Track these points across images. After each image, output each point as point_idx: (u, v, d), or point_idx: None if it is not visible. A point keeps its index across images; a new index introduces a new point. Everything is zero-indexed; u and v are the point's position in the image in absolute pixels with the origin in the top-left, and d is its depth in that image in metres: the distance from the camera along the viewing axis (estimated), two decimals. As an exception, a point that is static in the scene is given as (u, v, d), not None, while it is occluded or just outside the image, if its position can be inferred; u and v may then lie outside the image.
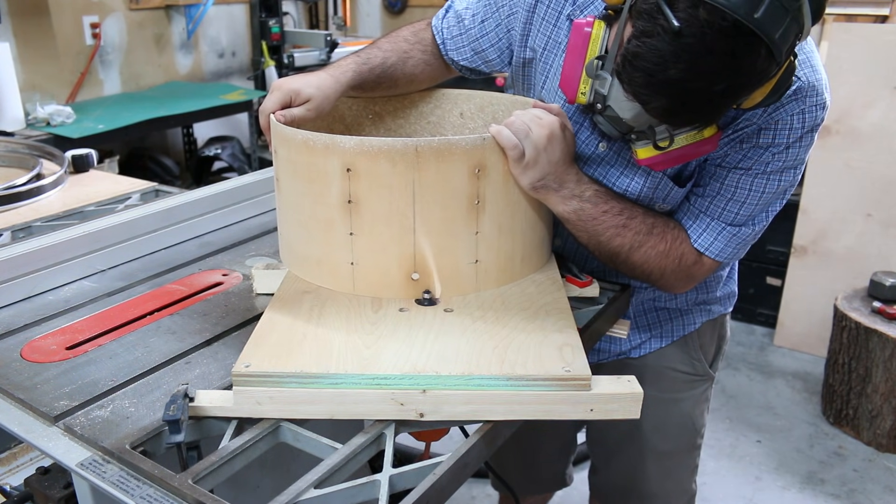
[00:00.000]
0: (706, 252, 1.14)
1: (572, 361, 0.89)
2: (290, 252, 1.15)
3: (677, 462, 1.47)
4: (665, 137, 0.99)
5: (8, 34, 3.14)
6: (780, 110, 1.03)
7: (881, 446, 2.58)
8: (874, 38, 2.76)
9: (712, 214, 1.12)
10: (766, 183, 1.08)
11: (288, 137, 1.05)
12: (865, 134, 2.83)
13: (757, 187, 1.08)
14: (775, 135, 1.04)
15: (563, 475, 1.79)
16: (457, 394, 0.86)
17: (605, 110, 1.00)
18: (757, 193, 1.09)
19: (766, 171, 1.07)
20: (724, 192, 1.10)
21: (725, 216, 1.12)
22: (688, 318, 1.37)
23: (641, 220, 1.10)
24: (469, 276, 1.06)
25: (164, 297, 1.20)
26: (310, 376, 0.86)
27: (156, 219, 1.41)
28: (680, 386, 1.40)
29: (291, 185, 1.08)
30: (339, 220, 1.02)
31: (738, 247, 1.15)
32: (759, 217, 1.12)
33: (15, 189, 1.64)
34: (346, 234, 1.03)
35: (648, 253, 1.11)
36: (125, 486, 0.79)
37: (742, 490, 2.38)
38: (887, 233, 2.87)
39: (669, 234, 1.13)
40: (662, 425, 1.41)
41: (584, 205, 1.07)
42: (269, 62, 4.02)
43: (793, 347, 3.22)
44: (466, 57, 1.31)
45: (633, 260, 1.12)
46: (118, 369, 0.98)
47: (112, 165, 3.16)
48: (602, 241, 1.10)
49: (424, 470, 0.80)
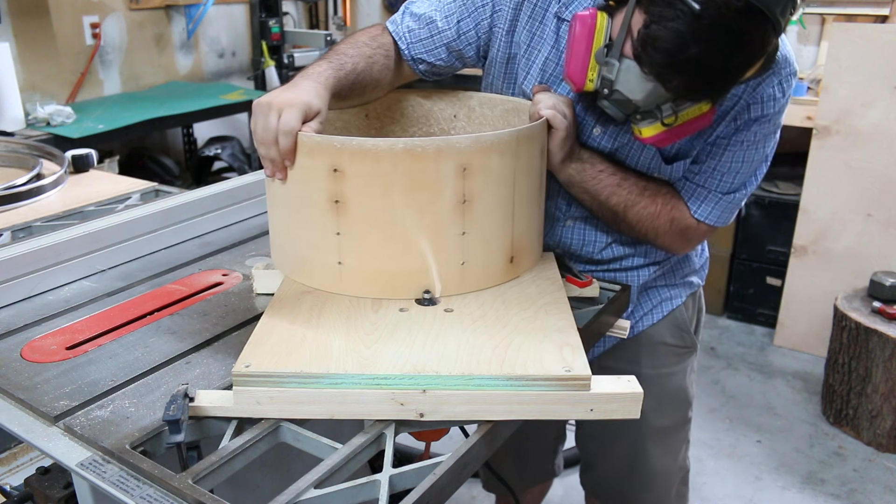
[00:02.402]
0: (706, 220, 1.24)
1: (572, 361, 0.89)
2: (280, 252, 1.15)
3: (674, 438, 1.50)
4: (671, 114, 1.06)
5: (8, 34, 3.14)
6: (763, 84, 1.13)
7: (881, 446, 2.58)
8: (874, 38, 2.76)
9: (709, 187, 1.22)
10: (755, 152, 1.19)
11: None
12: (865, 134, 2.83)
13: (748, 157, 1.19)
14: (763, 107, 1.14)
15: (553, 466, 1.82)
16: (457, 394, 0.86)
17: (612, 94, 1.07)
18: (748, 163, 1.20)
19: (755, 141, 1.18)
20: (720, 167, 1.20)
21: (721, 187, 1.22)
22: (674, 291, 1.43)
23: (634, 181, 1.21)
24: (455, 277, 1.06)
25: (164, 297, 1.20)
26: (310, 376, 0.86)
27: (156, 219, 1.41)
28: (672, 360, 1.46)
29: (280, 185, 1.07)
30: (326, 219, 1.02)
31: (732, 211, 1.25)
32: (749, 181, 1.23)
33: (15, 189, 1.64)
34: (333, 233, 1.03)
35: (640, 213, 1.22)
36: (125, 486, 0.79)
37: (742, 490, 2.38)
38: (887, 233, 2.87)
39: (660, 199, 1.22)
40: (659, 401, 1.43)
41: (584, 165, 1.19)
42: (269, 62, 4.02)
43: (793, 347, 3.22)
44: (441, 57, 1.30)
45: (628, 219, 1.22)
46: (118, 369, 0.98)
47: (112, 165, 3.16)
48: (602, 200, 1.21)
49: (424, 470, 0.80)
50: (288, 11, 4.57)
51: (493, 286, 1.10)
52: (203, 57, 4.17)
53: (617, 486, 1.56)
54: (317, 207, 1.03)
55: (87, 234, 1.30)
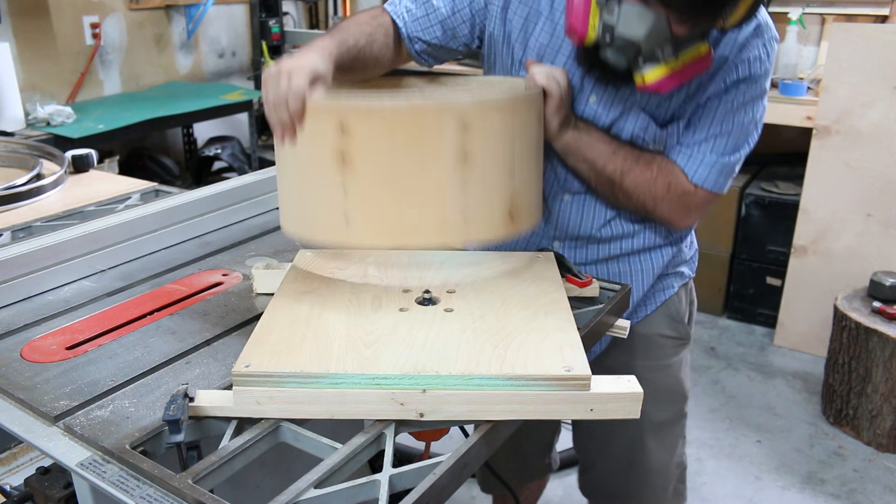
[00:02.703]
0: (703, 184, 1.25)
1: (572, 361, 0.89)
2: (290, 213, 1.15)
3: (670, 432, 1.50)
4: (671, 55, 1.10)
5: (8, 34, 3.14)
6: (748, 46, 1.19)
7: (881, 446, 2.58)
8: (874, 38, 2.75)
9: (704, 150, 1.24)
10: (744, 114, 1.23)
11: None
12: (865, 134, 2.83)
13: (739, 120, 1.23)
14: (749, 67, 1.20)
15: (549, 461, 1.83)
16: (457, 394, 0.86)
17: (613, 41, 1.10)
18: (739, 125, 1.23)
19: (743, 103, 1.22)
20: (712, 129, 1.23)
21: (715, 149, 1.24)
22: (666, 281, 1.44)
23: (629, 149, 1.25)
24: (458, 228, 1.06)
25: (163, 297, 1.20)
26: (310, 376, 0.86)
27: (156, 219, 1.41)
28: (668, 352, 1.47)
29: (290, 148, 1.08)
30: (333, 175, 1.03)
31: (727, 176, 1.27)
32: (742, 146, 1.26)
33: (15, 189, 1.64)
34: (340, 189, 1.03)
35: (637, 179, 1.24)
36: (125, 486, 0.79)
37: (742, 490, 2.38)
38: (887, 233, 2.87)
39: (655, 165, 1.25)
40: (657, 395, 1.43)
41: (580, 133, 1.23)
42: (269, 62, 4.02)
43: (793, 347, 3.22)
44: (437, 35, 1.33)
45: (625, 186, 1.24)
46: (118, 369, 0.98)
47: (112, 165, 3.16)
48: (598, 168, 1.24)
49: (424, 470, 0.80)
50: (288, 11, 4.57)
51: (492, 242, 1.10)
52: (203, 57, 4.17)
53: (615, 485, 1.56)
54: (325, 165, 1.03)
55: (87, 234, 1.30)
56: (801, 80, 3.14)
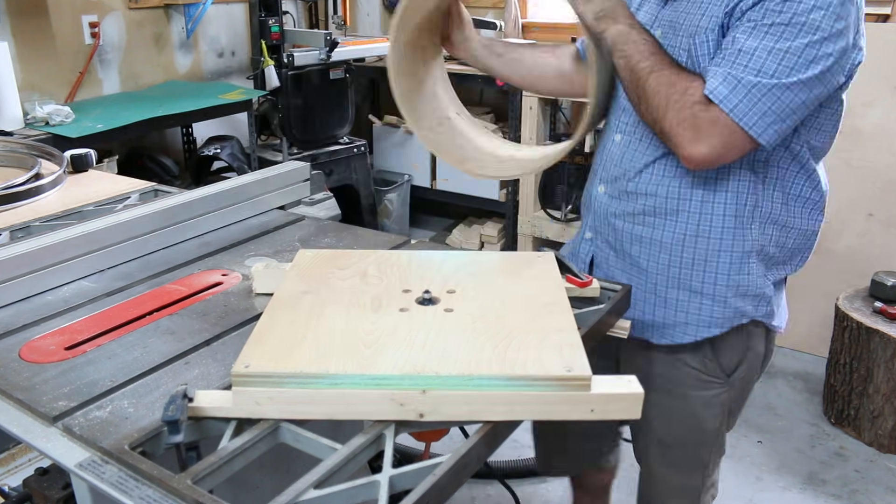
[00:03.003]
0: (716, 99, 1.12)
1: (572, 361, 0.88)
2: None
3: (680, 453, 1.48)
4: None
5: (7, 34, 3.14)
6: None
7: (882, 447, 2.57)
8: (874, 38, 2.74)
9: (726, 63, 1.14)
10: (775, 38, 1.10)
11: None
12: (866, 134, 2.83)
13: (766, 42, 1.11)
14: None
15: (605, 460, 1.80)
16: (457, 394, 0.86)
17: None
18: (764, 48, 1.11)
19: (774, 23, 1.10)
20: (735, 43, 1.14)
21: (737, 63, 1.12)
22: (714, 311, 1.33)
23: (669, 58, 1.20)
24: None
25: (163, 297, 1.20)
26: (309, 376, 0.86)
27: (155, 219, 1.40)
28: (692, 382, 1.39)
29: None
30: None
31: (751, 101, 1.11)
32: (773, 76, 1.11)
33: (14, 189, 1.63)
34: None
35: (660, 79, 1.17)
36: (124, 487, 0.78)
37: (743, 490, 2.38)
38: (888, 232, 2.87)
39: (685, 73, 1.18)
40: (667, 418, 1.42)
41: (630, 31, 1.20)
42: (268, 62, 4.01)
43: (794, 347, 3.21)
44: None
45: (648, 86, 1.18)
46: (117, 369, 0.98)
47: (111, 165, 3.15)
48: (633, 65, 1.19)
49: (424, 470, 0.80)
50: (288, 11, 4.56)
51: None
52: (202, 56, 4.17)
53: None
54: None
55: (86, 234, 1.30)
56: (801, 80, 3.14)
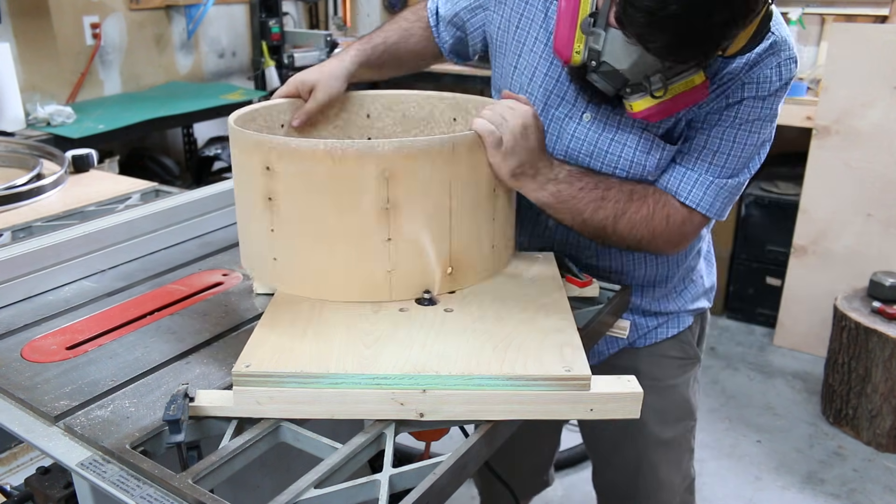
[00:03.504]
0: (697, 207, 1.16)
1: (572, 361, 0.89)
2: (241, 246, 1.17)
3: (677, 449, 1.48)
4: (660, 87, 1.02)
5: (8, 34, 3.14)
6: (760, 65, 1.10)
7: (881, 446, 2.58)
8: (874, 38, 2.76)
9: (699, 170, 1.16)
10: (748, 135, 1.14)
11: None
12: (865, 134, 2.83)
13: (740, 139, 1.14)
14: (757, 88, 1.11)
15: (547, 477, 1.82)
16: (457, 394, 0.86)
17: (600, 66, 1.04)
18: (740, 145, 1.14)
19: (747, 121, 1.13)
20: (709, 146, 1.15)
21: (712, 170, 1.15)
22: (682, 319, 1.42)
23: (618, 189, 1.15)
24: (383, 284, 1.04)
25: (164, 297, 1.20)
26: (310, 376, 0.86)
27: (156, 219, 1.41)
28: (675, 371, 1.44)
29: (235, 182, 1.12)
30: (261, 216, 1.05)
31: (725, 201, 1.18)
32: (742, 171, 1.17)
33: (15, 189, 1.64)
34: (268, 230, 1.06)
35: (633, 218, 1.15)
36: (125, 486, 0.79)
37: (742, 490, 2.38)
38: (887, 232, 2.87)
39: (651, 199, 1.16)
40: (662, 413, 1.42)
41: (559, 186, 1.11)
42: (269, 62, 4.02)
43: (792, 347, 3.22)
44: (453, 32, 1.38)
45: (620, 229, 1.15)
46: (118, 369, 0.98)
47: (112, 165, 3.16)
48: (586, 218, 1.14)
49: (424, 470, 0.80)
50: (288, 11, 4.57)
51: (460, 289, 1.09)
52: (203, 57, 4.17)
53: (623, 493, 1.56)
54: (256, 203, 1.05)
55: (87, 234, 1.30)
56: (800, 80, 3.14)
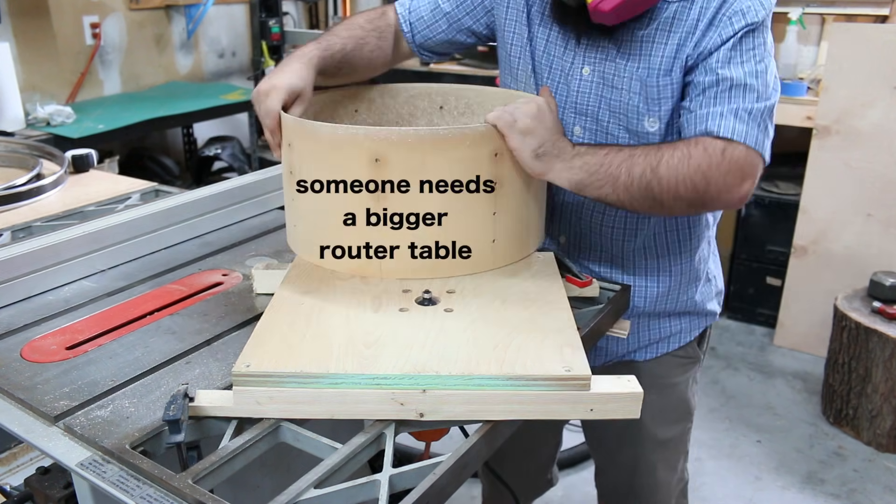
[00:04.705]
0: (734, 136, 1.10)
1: (572, 361, 0.89)
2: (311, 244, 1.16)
3: (674, 450, 1.49)
4: None
5: (8, 34, 3.14)
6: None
7: (881, 446, 2.58)
8: (874, 38, 2.76)
9: (721, 102, 1.11)
10: (755, 63, 1.12)
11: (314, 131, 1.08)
12: (865, 134, 2.83)
13: (749, 68, 1.12)
14: (744, 16, 1.11)
15: (551, 476, 1.82)
16: (457, 394, 0.86)
17: None
18: (751, 74, 1.12)
19: (749, 49, 1.12)
20: (721, 82, 1.12)
21: (734, 100, 1.11)
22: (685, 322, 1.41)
23: (642, 147, 1.12)
24: (488, 254, 1.11)
25: (164, 297, 1.20)
26: (310, 376, 0.86)
27: (156, 219, 1.41)
28: (675, 371, 1.44)
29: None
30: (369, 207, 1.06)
31: (760, 127, 1.11)
32: (763, 96, 1.12)
33: (15, 189, 1.64)
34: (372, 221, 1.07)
35: (671, 163, 1.08)
36: (125, 486, 0.79)
37: (742, 490, 2.38)
38: (887, 232, 2.87)
39: (680, 143, 1.11)
40: (662, 413, 1.42)
41: (585, 158, 1.10)
42: (269, 62, 4.02)
43: (793, 347, 3.22)
44: (448, 38, 1.39)
45: (663, 180, 1.08)
46: (118, 369, 0.98)
47: (112, 165, 3.15)
48: (625, 181, 1.09)
49: (424, 470, 0.80)
50: (288, 11, 4.57)
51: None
52: (203, 57, 4.18)
53: (622, 493, 1.56)
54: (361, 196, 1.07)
55: (87, 234, 1.30)
56: (800, 80, 3.14)
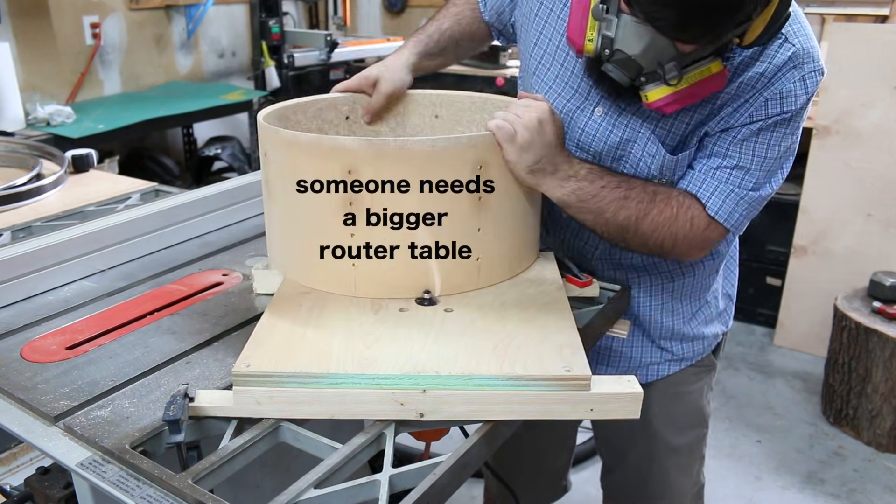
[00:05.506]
0: (716, 216, 1.13)
1: (572, 361, 0.89)
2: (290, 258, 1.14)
3: (688, 456, 1.47)
4: (675, 76, 1.00)
5: (8, 34, 3.14)
6: (782, 78, 1.06)
7: (881, 446, 2.58)
8: (874, 38, 2.76)
9: (720, 178, 1.12)
10: (774, 150, 1.10)
11: (288, 140, 1.05)
12: (865, 134, 2.83)
13: (761, 153, 1.10)
14: (782, 103, 1.07)
15: (565, 482, 1.79)
16: (457, 394, 0.86)
17: (613, 55, 1.02)
18: (761, 159, 1.11)
19: (773, 136, 1.09)
20: (730, 159, 1.11)
21: (733, 180, 1.12)
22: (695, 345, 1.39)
23: (641, 189, 1.11)
24: (472, 273, 1.06)
25: (164, 297, 1.20)
26: (310, 376, 0.86)
27: (156, 219, 1.41)
28: (690, 378, 1.41)
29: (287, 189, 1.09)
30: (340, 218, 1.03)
31: (744, 213, 1.14)
32: (764, 186, 1.13)
33: (15, 189, 1.64)
34: (348, 234, 1.03)
35: (656, 220, 1.11)
36: (125, 486, 0.79)
37: (742, 490, 2.38)
38: (887, 232, 2.87)
39: (674, 200, 1.12)
40: (675, 420, 1.41)
41: (580, 184, 1.08)
42: (269, 62, 4.02)
43: (793, 347, 3.22)
44: (499, 10, 1.40)
45: (643, 230, 1.11)
46: (118, 369, 0.98)
47: (112, 165, 3.16)
48: (608, 218, 1.10)
49: (424, 470, 0.80)
50: (288, 11, 4.57)
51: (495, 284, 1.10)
52: (203, 57, 4.18)
53: (631, 494, 1.55)
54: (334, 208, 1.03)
55: (87, 234, 1.30)
56: (801, 80, 3.13)
